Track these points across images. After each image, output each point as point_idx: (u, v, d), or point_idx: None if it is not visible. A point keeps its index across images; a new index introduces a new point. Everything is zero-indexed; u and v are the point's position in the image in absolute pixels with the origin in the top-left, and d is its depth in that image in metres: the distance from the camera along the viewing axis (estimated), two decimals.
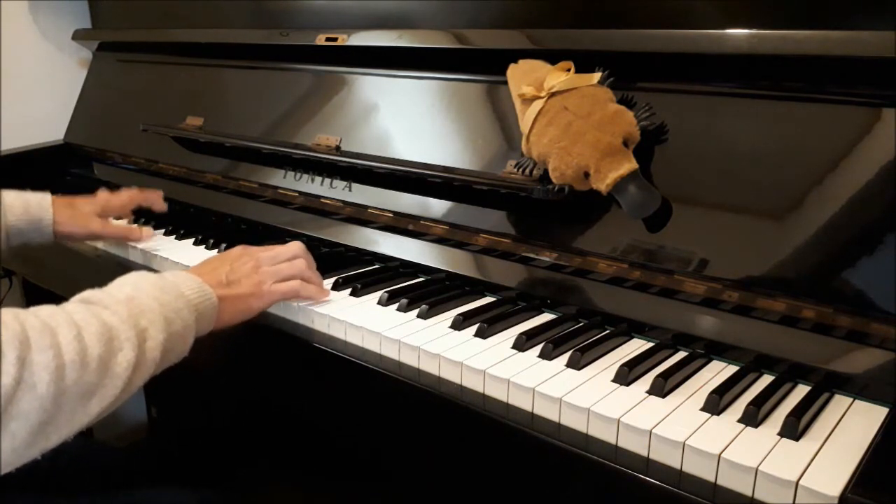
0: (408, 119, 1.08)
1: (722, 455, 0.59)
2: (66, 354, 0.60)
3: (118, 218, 1.23)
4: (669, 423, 0.63)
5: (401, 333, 0.81)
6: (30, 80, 1.69)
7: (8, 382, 0.55)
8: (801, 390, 0.70)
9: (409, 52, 1.08)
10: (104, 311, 0.66)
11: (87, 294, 0.70)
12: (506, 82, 0.93)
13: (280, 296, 0.86)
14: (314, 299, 0.90)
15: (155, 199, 1.21)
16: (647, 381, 0.70)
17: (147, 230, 1.12)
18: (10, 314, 0.59)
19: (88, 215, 1.10)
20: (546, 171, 0.85)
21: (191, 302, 0.75)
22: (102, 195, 1.16)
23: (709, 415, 0.65)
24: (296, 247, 0.90)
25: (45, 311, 0.63)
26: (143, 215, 1.24)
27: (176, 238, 1.18)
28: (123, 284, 0.72)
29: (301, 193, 1.18)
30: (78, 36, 1.69)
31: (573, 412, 0.67)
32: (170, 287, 0.74)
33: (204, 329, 0.77)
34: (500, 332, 0.82)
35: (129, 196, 1.18)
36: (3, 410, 0.55)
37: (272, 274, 0.86)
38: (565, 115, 0.83)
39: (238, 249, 0.88)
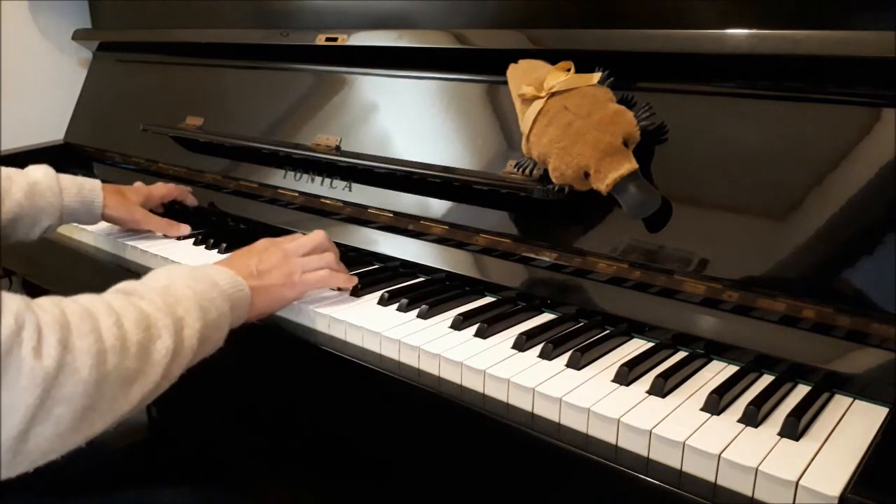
0: (408, 119, 1.08)
1: (722, 455, 0.59)
2: (107, 340, 0.60)
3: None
4: (669, 423, 0.63)
5: (401, 333, 0.81)
6: (30, 80, 1.69)
7: (50, 364, 0.55)
8: (801, 390, 0.70)
9: (410, 52, 1.07)
10: (141, 301, 0.67)
11: (124, 285, 0.71)
12: (506, 82, 0.93)
13: (310, 286, 0.88)
14: (342, 288, 0.92)
15: (187, 195, 1.30)
16: (647, 381, 0.70)
17: (185, 226, 1.19)
18: (50, 300, 0.59)
19: (134, 204, 1.17)
20: (546, 171, 0.85)
21: (224, 292, 0.76)
22: (143, 187, 1.23)
23: (709, 415, 0.65)
24: (320, 236, 0.91)
25: (83, 298, 0.64)
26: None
27: (176, 237, 1.18)
28: (158, 276, 0.73)
29: (301, 193, 1.18)
30: (78, 36, 1.69)
31: (573, 412, 0.67)
32: (203, 277, 0.75)
33: (238, 320, 0.79)
34: (500, 332, 0.82)
35: (167, 189, 1.26)
36: (47, 395, 0.55)
37: (301, 264, 0.87)
38: (565, 115, 0.83)
39: (264, 242, 0.89)
